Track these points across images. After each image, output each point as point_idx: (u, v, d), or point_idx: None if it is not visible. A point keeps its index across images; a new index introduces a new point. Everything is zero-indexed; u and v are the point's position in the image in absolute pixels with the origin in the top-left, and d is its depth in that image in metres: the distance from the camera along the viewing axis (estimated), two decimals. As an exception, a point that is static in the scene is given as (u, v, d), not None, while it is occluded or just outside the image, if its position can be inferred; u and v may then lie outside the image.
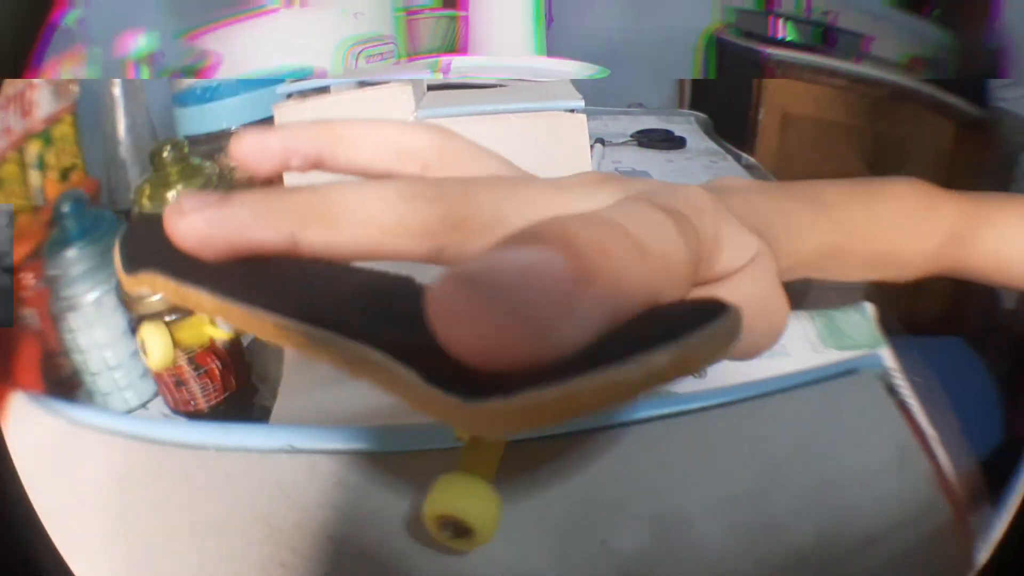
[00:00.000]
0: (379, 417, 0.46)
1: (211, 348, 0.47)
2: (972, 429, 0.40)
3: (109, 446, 0.27)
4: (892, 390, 0.25)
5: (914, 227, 0.36)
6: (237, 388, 0.49)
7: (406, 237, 0.19)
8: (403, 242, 0.20)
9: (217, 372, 0.48)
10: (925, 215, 0.36)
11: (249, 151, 0.24)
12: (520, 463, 0.24)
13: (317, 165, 0.25)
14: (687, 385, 0.48)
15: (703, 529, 0.22)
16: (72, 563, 0.25)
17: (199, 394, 0.48)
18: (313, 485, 0.23)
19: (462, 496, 0.21)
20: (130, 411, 0.49)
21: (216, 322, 0.47)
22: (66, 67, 0.54)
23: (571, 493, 0.23)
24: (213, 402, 0.48)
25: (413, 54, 0.94)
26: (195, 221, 0.18)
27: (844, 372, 0.26)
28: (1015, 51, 0.90)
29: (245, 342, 0.55)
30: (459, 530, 0.22)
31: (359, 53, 0.71)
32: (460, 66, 0.55)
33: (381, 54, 0.75)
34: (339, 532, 0.23)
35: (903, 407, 0.26)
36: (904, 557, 0.23)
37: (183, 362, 0.46)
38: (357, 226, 0.19)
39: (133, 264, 0.19)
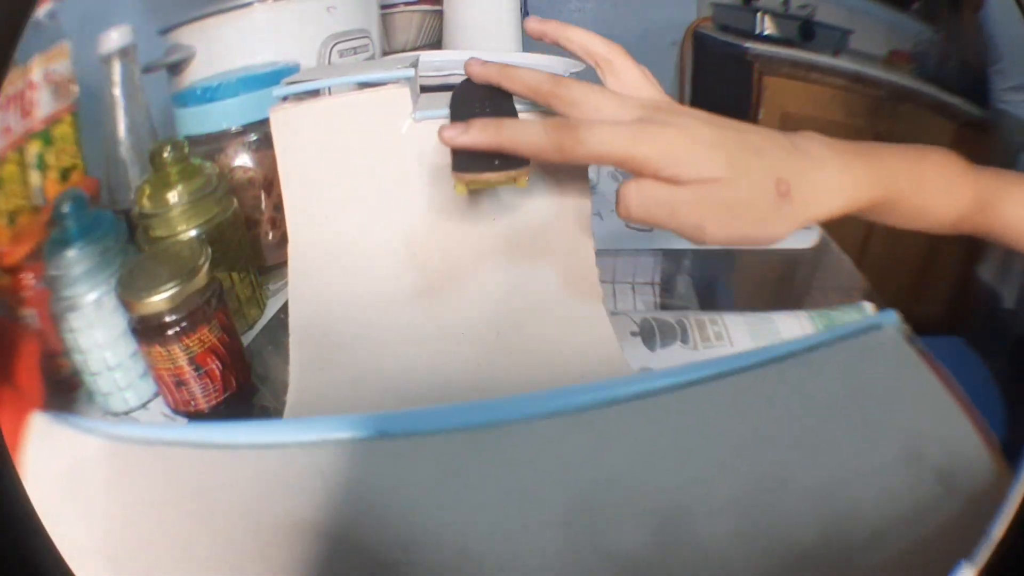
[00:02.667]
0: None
1: (212, 348, 0.47)
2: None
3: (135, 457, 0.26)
4: (912, 341, 0.26)
5: (948, 188, 0.44)
6: (238, 388, 0.49)
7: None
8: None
9: (217, 372, 0.48)
10: (958, 179, 0.44)
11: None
12: (521, 449, 0.23)
13: None
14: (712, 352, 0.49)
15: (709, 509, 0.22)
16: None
17: (199, 394, 0.48)
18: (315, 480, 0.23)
19: None
20: (129, 411, 0.49)
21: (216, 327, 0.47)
22: (51, 64, 0.54)
23: (573, 484, 0.23)
24: (213, 402, 0.48)
25: (390, 51, 0.94)
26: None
27: (869, 328, 0.27)
28: (999, 44, 0.90)
29: (246, 343, 0.55)
30: None
31: (332, 47, 0.71)
32: (429, 61, 0.55)
33: (355, 49, 0.74)
34: (337, 527, 0.22)
35: (926, 356, 0.27)
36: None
37: (183, 362, 0.46)
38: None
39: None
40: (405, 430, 0.24)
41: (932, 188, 0.43)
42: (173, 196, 0.52)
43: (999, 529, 0.26)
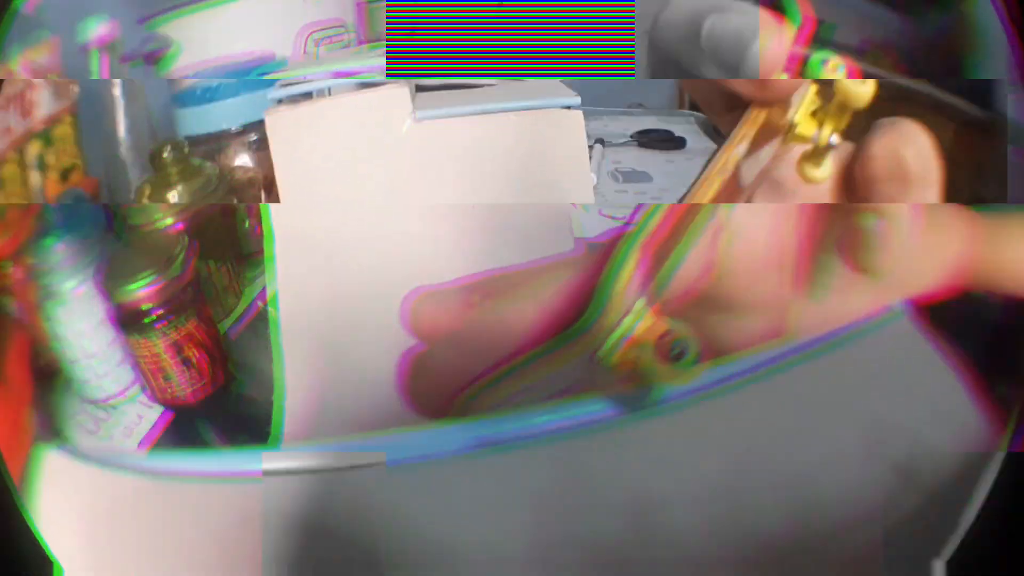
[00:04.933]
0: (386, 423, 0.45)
1: (190, 337, 0.47)
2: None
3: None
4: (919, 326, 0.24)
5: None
6: (216, 377, 0.50)
7: None
8: None
9: (196, 361, 0.48)
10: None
11: None
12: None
13: None
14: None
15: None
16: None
17: (178, 384, 0.48)
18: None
19: None
20: (108, 398, 0.50)
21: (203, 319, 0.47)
22: (39, 58, 0.55)
23: (550, 476, 0.22)
24: (190, 391, 0.48)
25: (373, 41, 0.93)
26: None
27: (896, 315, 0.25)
28: (988, 43, 0.87)
29: (224, 331, 0.55)
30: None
31: (307, 36, 0.71)
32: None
33: (330, 37, 0.74)
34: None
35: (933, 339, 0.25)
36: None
37: (162, 351, 0.47)
38: None
39: None
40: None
41: None
42: (173, 196, 0.53)
43: (967, 519, 0.25)
